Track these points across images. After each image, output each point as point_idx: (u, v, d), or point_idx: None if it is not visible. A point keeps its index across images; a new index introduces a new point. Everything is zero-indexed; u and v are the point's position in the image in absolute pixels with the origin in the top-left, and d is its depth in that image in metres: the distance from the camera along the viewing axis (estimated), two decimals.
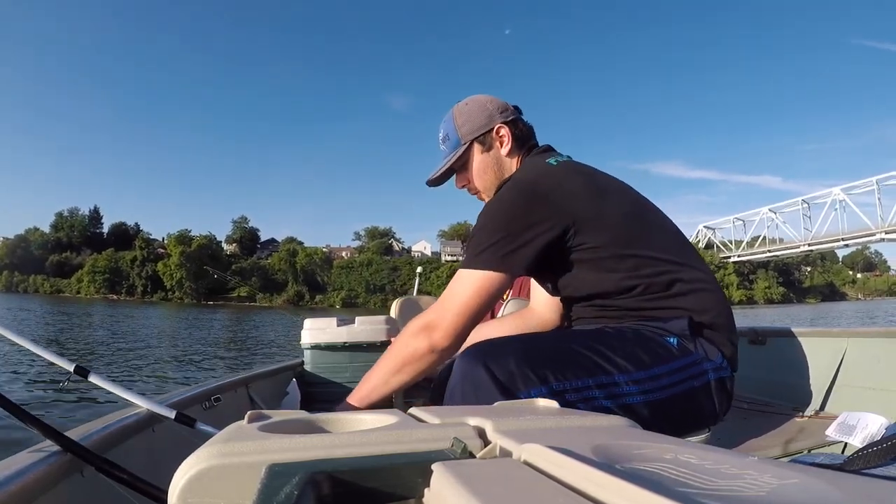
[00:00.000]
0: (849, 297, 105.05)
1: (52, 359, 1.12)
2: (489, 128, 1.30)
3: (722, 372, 1.12)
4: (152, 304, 59.16)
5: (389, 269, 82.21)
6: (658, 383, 1.03)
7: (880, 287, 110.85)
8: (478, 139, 1.30)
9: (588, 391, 0.97)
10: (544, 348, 1.03)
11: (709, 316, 1.14)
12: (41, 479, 0.77)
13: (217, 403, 1.61)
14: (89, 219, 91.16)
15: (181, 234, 78.87)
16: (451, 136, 1.33)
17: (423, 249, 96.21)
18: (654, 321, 1.12)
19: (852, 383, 1.70)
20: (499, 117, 1.31)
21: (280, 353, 11.10)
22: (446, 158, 1.34)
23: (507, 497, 0.28)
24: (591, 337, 1.07)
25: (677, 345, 1.08)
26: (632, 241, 1.14)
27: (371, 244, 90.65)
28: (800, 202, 48.62)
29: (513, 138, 1.30)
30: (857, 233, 43.80)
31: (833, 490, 0.27)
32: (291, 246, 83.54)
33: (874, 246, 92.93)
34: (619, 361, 1.01)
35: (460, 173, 1.36)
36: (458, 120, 1.32)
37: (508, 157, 1.32)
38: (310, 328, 2.44)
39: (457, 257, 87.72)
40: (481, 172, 1.32)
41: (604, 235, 1.12)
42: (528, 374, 0.94)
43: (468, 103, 1.34)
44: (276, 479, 0.36)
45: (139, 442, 1.12)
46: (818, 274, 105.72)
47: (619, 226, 1.15)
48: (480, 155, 1.31)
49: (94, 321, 20.78)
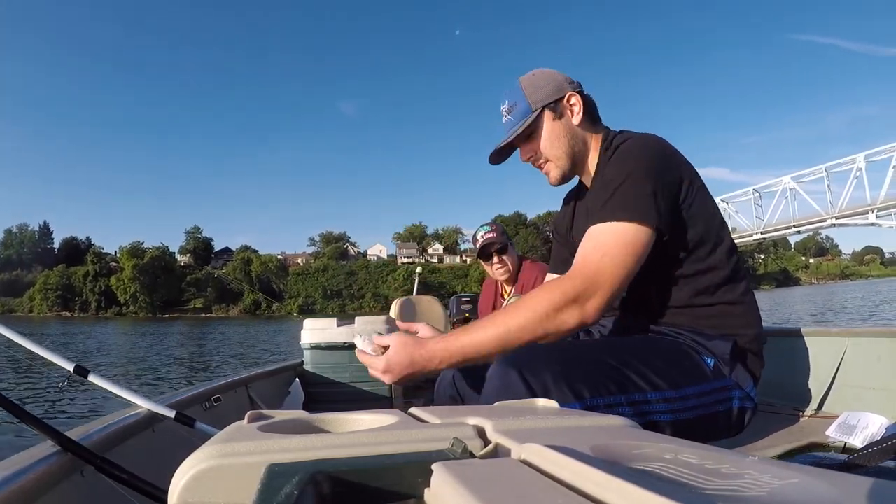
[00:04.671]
0: (803, 281, 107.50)
1: (52, 358, 1.12)
2: (560, 95, 1.24)
3: (746, 402, 1.11)
4: (107, 321, 58.23)
5: (346, 274, 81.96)
6: (686, 403, 1.02)
7: (833, 271, 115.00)
8: (549, 106, 1.23)
9: (619, 407, 0.96)
10: (583, 362, 0.99)
11: (751, 335, 1.13)
12: (42, 479, 0.77)
13: (217, 404, 1.60)
14: (39, 234, 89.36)
15: (133, 247, 78.12)
16: (519, 103, 1.25)
17: (379, 252, 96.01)
18: (700, 335, 1.10)
19: (853, 383, 1.70)
20: (569, 87, 1.25)
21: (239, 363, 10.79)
22: (514, 128, 1.25)
23: (507, 497, 0.28)
24: (628, 350, 1.05)
25: (713, 366, 1.07)
26: (718, 228, 1.14)
27: (326, 249, 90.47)
28: (751, 191, 49.30)
29: (584, 108, 1.25)
30: (809, 219, 44.54)
31: (833, 490, 0.27)
32: (246, 255, 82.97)
33: (825, 231, 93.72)
34: (653, 378, 1.00)
35: (526, 144, 1.28)
36: (526, 88, 1.25)
37: (580, 128, 1.25)
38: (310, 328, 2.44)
39: (413, 259, 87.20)
40: (554, 140, 1.24)
41: (705, 214, 1.13)
42: (565, 389, 0.91)
43: (535, 74, 1.28)
44: (276, 480, 0.36)
45: (139, 442, 1.12)
46: (772, 261, 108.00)
47: (714, 211, 1.16)
48: (552, 122, 1.24)
49: (55, 342, 20.29)
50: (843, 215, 41.02)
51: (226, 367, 10.69)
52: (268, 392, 2.23)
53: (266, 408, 1.04)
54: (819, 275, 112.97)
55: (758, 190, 49.04)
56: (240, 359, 12.88)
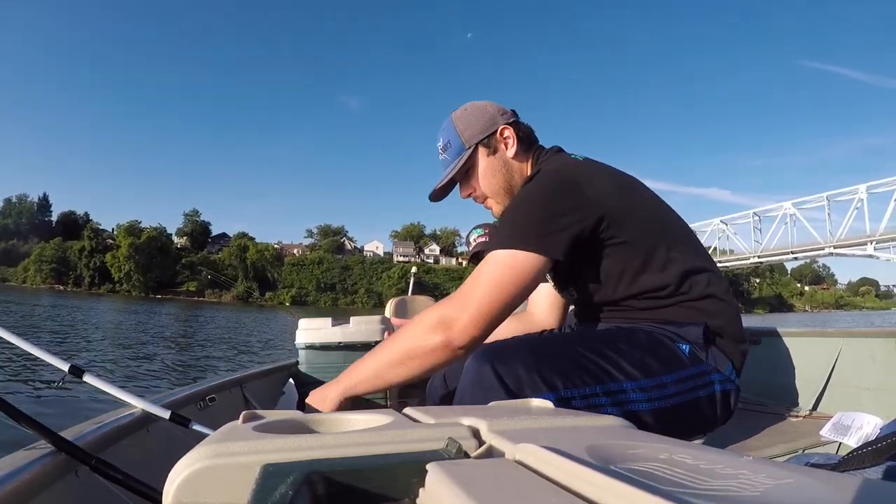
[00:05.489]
0: (796, 308, 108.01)
1: (47, 358, 1.11)
2: (493, 130, 1.25)
3: (728, 385, 1.11)
4: (99, 297, 57.89)
5: (341, 268, 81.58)
6: (664, 392, 1.02)
7: (827, 300, 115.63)
8: (482, 142, 1.25)
9: (595, 398, 0.96)
10: (554, 353, 1.00)
11: (722, 321, 1.13)
12: (35, 480, 0.77)
13: (212, 403, 1.60)
14: (38, 206, 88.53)
15: (131, 226, 77.30)
16: (453, 142, 1.26)
17: (376, 249, 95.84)
18: (670, 324, 1.10)
19: (847, 383, 1.70)
20: (501, 119, 1.26)
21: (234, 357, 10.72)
22: (450, 167, 1.27)
23: (501, 497, 0.28)
24: (601, 340, 1.05)
25: (688, 352, 1.07)
26: (660, 238, 1.12)
27: (323, 242, 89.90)
28: (751, 215, 50.03)
29: (517, 140, 1.26)
30: (807, 246, 45.06)
31: (827, 490, 0.27)
32: (242, 241, 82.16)
33: (822, 259, 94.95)
34: (628, 368, 1.00)
35: (465, 181, 1.29)
36: (459, 125, 1.26)
37: (515, 160, 1.26)
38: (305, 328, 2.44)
39: (409, 258, 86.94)
40: (489, 176, 1.26)
41: (635, 230, 1.10)
42: (537, 380, 0.92)
43: (466, 109, 1.29)
44: (271, 480, 0.36)
45: (134, 442, 1.11)
46: (767, 285, 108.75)
47: (648, 221, 1.13)
48: (487, 159, 1.25)
49: (45, 312, 20.26)
50: (841, 245, 41.32)
51: (212, 354, 10.61)
52: (263, 392, 2.22)
53: (261, 408, 1.04)
54: (813, 303, 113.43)
55: (758, 214, 49.43)
56: (229, 345, 12.75)
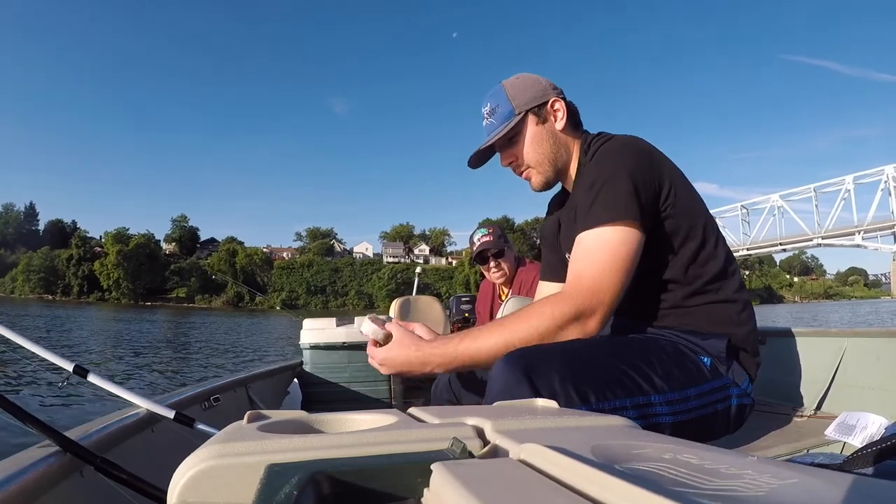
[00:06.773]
0: (786, 299, 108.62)
1: (52, 358, 1.12)
2: (544, 100, 1.23)
3: (744, 399, 1.11)
4: (89, 305, 57.67)
5: (331, 271, 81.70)
6: (687, 405, 1.02)
7: (816, 290, 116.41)
8: (532, 110, 1.22)
9: (624, 411, 0.95)
10: (588, 364, 0.97)
11: (744, 333, 1.13)
12: (41, 479, 0.77)
13: (216, 403, 1.61)
14: (24, 215, 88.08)
15: (119, 233, 77.22)
16: (502, 107, 1.23)
17: (365, 251, 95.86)
18: (694, 334, 1.10)
19: (852, 383, 1.70)
20: (552, 92, 1.24)
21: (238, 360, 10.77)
22: (496, 130, 1.23)
23: (506, 497, 0.28)
24: (635, 353, 1.04)
25: (710, 365, 1.07)
26: (706, 225, 1.14)
27: (312, 245, 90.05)
28: (739, 207, 50.22)
29: (567, 114, 1.24)
30: (795, 238, 45.26)
31: (832, 490, 0.27)
32: (231, 246, 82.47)
33: (811, 251, 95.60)
34: (657, 381, 1.00)
35: (507, 148, 1.26)
36: (510, 91, 1.23)
37: (563, 134, 1.25)
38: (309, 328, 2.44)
39: (399, 259, 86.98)
40: (536, 144, 1.23)
41: (692, 213, 1.12)
42: (571, 393, 0.90)
43: (519, 78, 1.26)
44: (276, 480, 0.36)
45: (138, 442, 1.12)
46: (756, 277, 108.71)
47: (698, 202, 1.15)
48: (535, 127, 1.23)
49: (34, 322, 20.26)
50: (829, 235, 41.64)
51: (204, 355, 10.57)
52: (267, 392, 2.23)
53: (265, 408, 1.04)
54: (803, 294, 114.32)
55: (746, 206, 49.73)
56: (228, 348, 12.78)
